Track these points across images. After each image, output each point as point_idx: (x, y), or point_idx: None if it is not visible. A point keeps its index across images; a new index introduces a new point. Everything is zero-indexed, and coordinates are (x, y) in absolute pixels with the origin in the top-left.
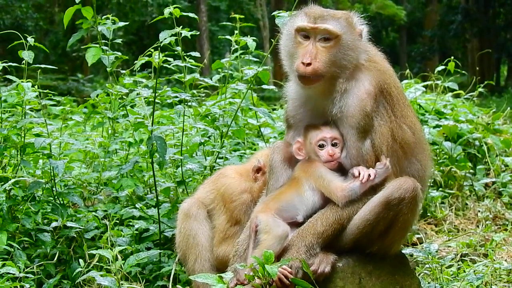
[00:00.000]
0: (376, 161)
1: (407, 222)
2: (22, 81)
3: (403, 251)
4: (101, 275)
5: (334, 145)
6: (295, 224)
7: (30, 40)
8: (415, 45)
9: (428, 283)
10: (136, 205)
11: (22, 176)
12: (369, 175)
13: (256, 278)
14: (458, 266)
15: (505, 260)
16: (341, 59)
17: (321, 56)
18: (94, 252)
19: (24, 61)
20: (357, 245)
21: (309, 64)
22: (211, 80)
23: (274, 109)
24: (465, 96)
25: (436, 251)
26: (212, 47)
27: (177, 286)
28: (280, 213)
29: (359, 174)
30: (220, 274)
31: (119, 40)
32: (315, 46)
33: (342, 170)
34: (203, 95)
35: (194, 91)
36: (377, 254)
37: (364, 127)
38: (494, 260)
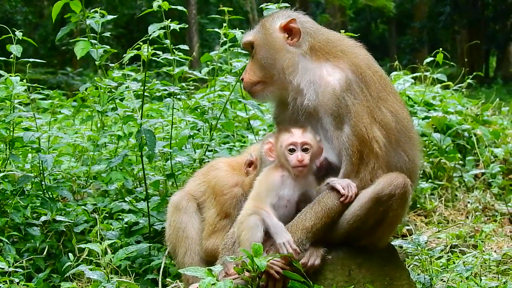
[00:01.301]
0: (362, 147)
1: (397, 217)
2: (10, 75)
3: (392, 243)
4: (91, 269)
5: (304, 150)
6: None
7: (19, 34)
8: (405, 37)
9: (418, 274)
10: (126, 199)
11: (11, 170)
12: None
13: (245, 271)
14: (448, 258)
15: (495, 251)
16: (262, 59)
17: (249, 67)
18: (83, 246)
19: (12, 55)
20: (347, 239)
21: (242, 80)
22: (200, 73)
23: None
24: (454, 88)
25: (426, 243)
26: (201, 40)
27: (167, 279)
28: None
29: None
30: (210, 267)
31: (108, 34)
32: (250, 60)
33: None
34: (193, 88)
35: (183, 84)
36: (366, 247)
37: (338, 111)
38: (484, 251)
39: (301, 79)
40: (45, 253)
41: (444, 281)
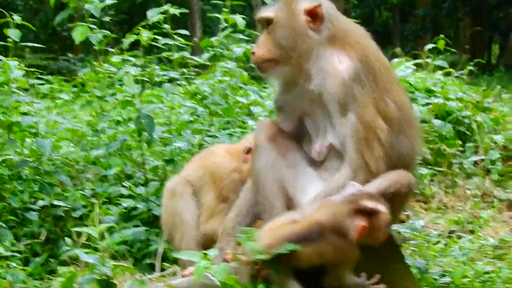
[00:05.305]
0: (367, 134)
1: (396, 213)
2: (8, 60)
3: None
4: (86, 253)
5: None
6: None
7: (17, 18)
8: (408, 24)
9: (415, 259)
10: (124, 184)
11: (9, 155)
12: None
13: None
14: (445, 243)
15: (491, 237)
16: (280, 39)
17: (263, 43)
18: (79, 229)
19: (10, 39)
20: None
21: (253, 53)
22: (200, 58)
23: (264, 88)
24: (456, 75)
25: (422, 227)
26: (204, 26)
27: (166, 264)
28: None
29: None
30: (205, 251)
31: (107, 18)
32: (264, 35)
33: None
34: (194, 73)
35: (184, 70)
36: None
37: (344, 99)
38: (480, 236)
39: (313, 64)
40: (43, 238)
41: (441, 267)
